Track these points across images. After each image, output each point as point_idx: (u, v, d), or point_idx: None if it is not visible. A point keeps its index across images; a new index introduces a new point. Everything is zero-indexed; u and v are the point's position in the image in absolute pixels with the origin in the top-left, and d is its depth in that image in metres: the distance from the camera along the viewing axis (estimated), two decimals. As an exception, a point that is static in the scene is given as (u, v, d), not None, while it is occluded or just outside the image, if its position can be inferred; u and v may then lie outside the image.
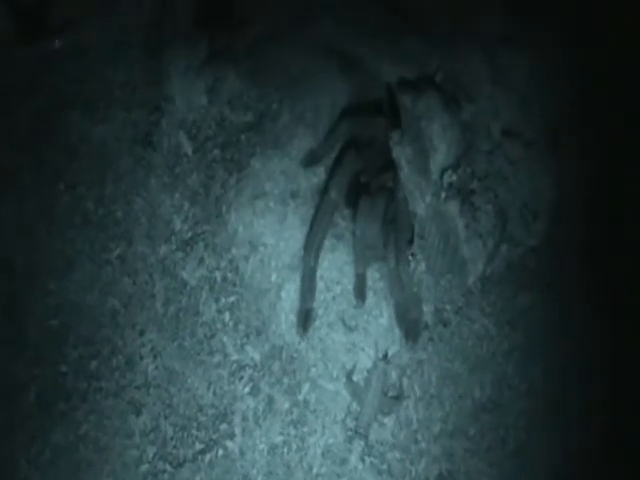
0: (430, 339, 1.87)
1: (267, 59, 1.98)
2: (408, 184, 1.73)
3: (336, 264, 1.87)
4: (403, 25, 2.04)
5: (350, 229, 1.84)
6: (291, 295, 1.85)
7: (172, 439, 1.79)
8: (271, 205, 1.89)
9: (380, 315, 1.85)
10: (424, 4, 2.08)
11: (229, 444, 1.78)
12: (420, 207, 1.72)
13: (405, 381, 1.84)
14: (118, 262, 1.89)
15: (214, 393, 1.81)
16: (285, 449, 1.79)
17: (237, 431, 1.79)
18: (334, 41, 1.99)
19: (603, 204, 2.08)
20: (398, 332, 1.83)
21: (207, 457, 1.77)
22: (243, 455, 1.78)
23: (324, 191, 1.85)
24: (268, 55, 1.99)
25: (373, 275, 1.86)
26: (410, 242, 1.77)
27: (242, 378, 1.81)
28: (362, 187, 1.82)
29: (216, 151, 1.94)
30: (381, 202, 1.79)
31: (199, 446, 1.78)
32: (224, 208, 1.90)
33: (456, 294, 1.88)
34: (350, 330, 1.84)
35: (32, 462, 1.78)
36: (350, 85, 1.97)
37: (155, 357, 1.83)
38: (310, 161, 1.92)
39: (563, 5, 2.09)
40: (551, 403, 1.94)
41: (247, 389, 1.81)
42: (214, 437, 1.78)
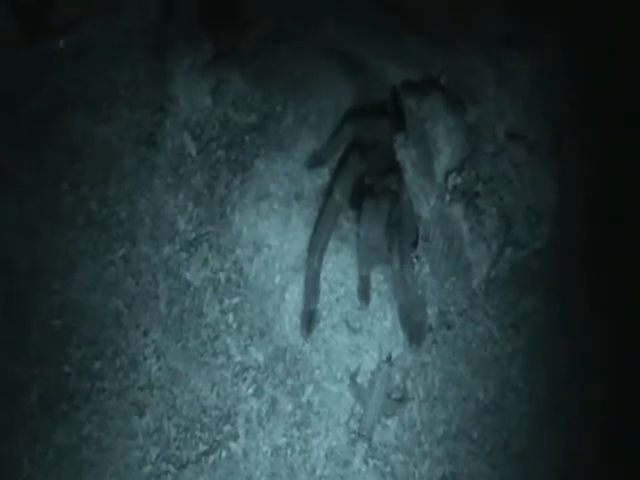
0: (434, 341, 1.88)
1: (271, 61, 1.99)
2: (412, 186, 1.73)
3: (340, 266, 1.87)
4: (404, 26, 2.04)
5: (354, 231, 1.85)
6: (295, 297, 1.85)
7: (175, 440, 1.79)
8: (275, 206, 1.89)
9: (384, 317, 1.86)
10: (425, 4, 2.08)
11: (232, 445, 1.78)
12: (424, 209, 1.72)
13: (409, 383, 1.84)
14: (122, 262, 1.89)
15: (218, 394, 1.81)
16: (288, 451, 1.79)
17: (240, 432, 1.79)
18: (338, 43, 2.00)
19: (603, 204, 2.09)
20: (402, 334, 1.84)
21: (210, 458, 1.77)
22: (246, 457, 1.78)
23: (328, 193, 1.86)
24: (272, 57, 1.99)
25: (377, 277, 1.87)
26: (414, 244, 1.77)
27: (246, 379, 1.81)
28: (366, 189, 1.82)
29: (220, 152, 1.94)
30: (385, 204, 1.80)
31: (202, 447, 1.78)
32: (228, 209, 1.90)
33: (460, 297, 1.89)
34: (354, 332, 1.84)
35: (35, 462, 1.77)
36: (354, 87, 1.97)
37: (158, 358, 1.83)
38: (314, 163, 1.92)
39: (563, 5, 2.10)
40: (553, 405, 1.94)
41: (251, 390, 1.81)
42: (217, 438, 1.79)
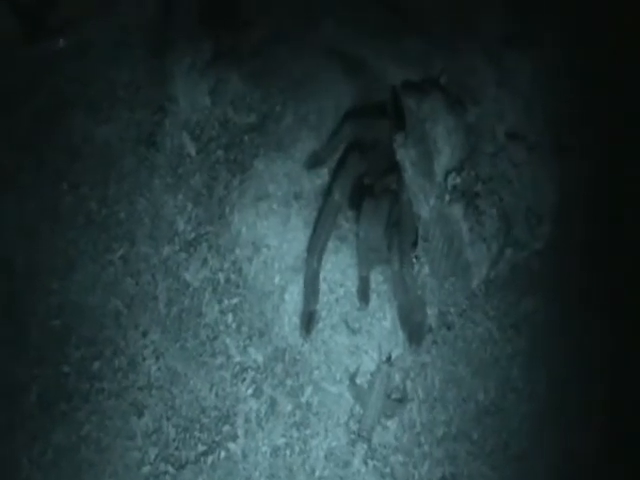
0: (434, 342, 1.88)
1: (271, 61, 1.98)
2: (412, 186, 1.73)
3: (339, 266, 1.87)
4: (404, 26, 2.04)
5: (354, 231, 1.84)
6: (294, 297, 1.85)
7: (174, 441, 1.78)
8: (274, 207, 1.88)
9: (384, 318, 1.85)
10: (425, 4, 2.08)
11: (231, 446, 1.78)
12: (424, 210, 1.72)
13: (408, 384, 1.84)
14: (121, 263, 1.89)
15: (217, 395, 1.81)
16: (288, 451, 1.78)
17: (240, 433, 1.79)
18: (338, 43, 1.99)
19: (603, 204, 2.09)
20: (402, 335, 1.83)
21: (209, 459, 1.77)
22: (245, 457, 1.78)
23: (327, 193, 1.85)
24: (272, 57, 1.98)
25: (377, 277, 1.86)
26: (414, 245, 1.76)
27: (245, 380, 1.81)
28: (366, 189, 1.82)
29: (219, 152, 1.94)
30: (385, 204, 1.79)
31: (201, 448, 1.78)
32: (227, 209, 1.90)
33: (460, 297, 1.88)
34: (353, 333, 1.84)
35: (34, 462, 1.77)
36: (354, 87, 1.97)
37: (158, 358, 1.83)
38: (313, 163, 1.92)
39: (563, 5, 2.10)
40: (553, 405, 1.94)
41: (250, 391, 1.81)
42: (216, 439, 1.78)
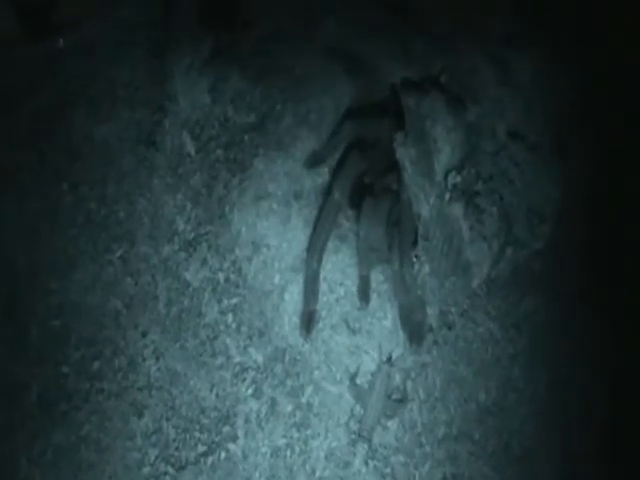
0: (434, 342, 1.87)
1: (271, 59, 1.98)
2: (412, 185, 1.73)
3: (340, 266, 1.86)
4: (405, 25, 2.04)
5: (354, 230, 1.84)
6: (294, 297, 1.84)
7: (174, 441, 1.78)
8: (274, 206, 1.88)
9: (384, 317, 1.85)
10: (425, 4, 2.08)
11: (232, 447, 1.78)
12: (424, 209, 1.72)
13: (409, 384, 1.83)
14: (120, 262, 1.88)
15: (217, 395, 1.80)
16: (288, 452, 1.78)
17: (240, 434, 1.78)
18: (339, 43, 1.99)
19: (603, 204, 2.09)
20: (402, 335, 1.83)
21: (209, 460, 1.77)
22: (246, 458, 1.77)
23: (328, 192, 1.84)
24: (272, 56, 1.98)
25: (377, 277, 1.86)
26: (414, 244, 1.76)
27: (245, 380, 1.81)
28: (366, 188, 1.81)
29: (219, 151, 1.94)
30: (385, 203, 1.79)
31: (201, 448, 1.77)
32: (227, 209, 1.90)
33: (461, 297, 1.88)
34: (354, 332, 1.84)
35: (33, 462, 1.77)
36: (354, 86, 1.96)
37: (157, 358, 1.82)
38: (313, 162, 1.91)
39: (563, 5, 2.10)
40: (554, 405, 1.94)
41: (250, 391, 1.80)
42: (216, 439, 1.78)
